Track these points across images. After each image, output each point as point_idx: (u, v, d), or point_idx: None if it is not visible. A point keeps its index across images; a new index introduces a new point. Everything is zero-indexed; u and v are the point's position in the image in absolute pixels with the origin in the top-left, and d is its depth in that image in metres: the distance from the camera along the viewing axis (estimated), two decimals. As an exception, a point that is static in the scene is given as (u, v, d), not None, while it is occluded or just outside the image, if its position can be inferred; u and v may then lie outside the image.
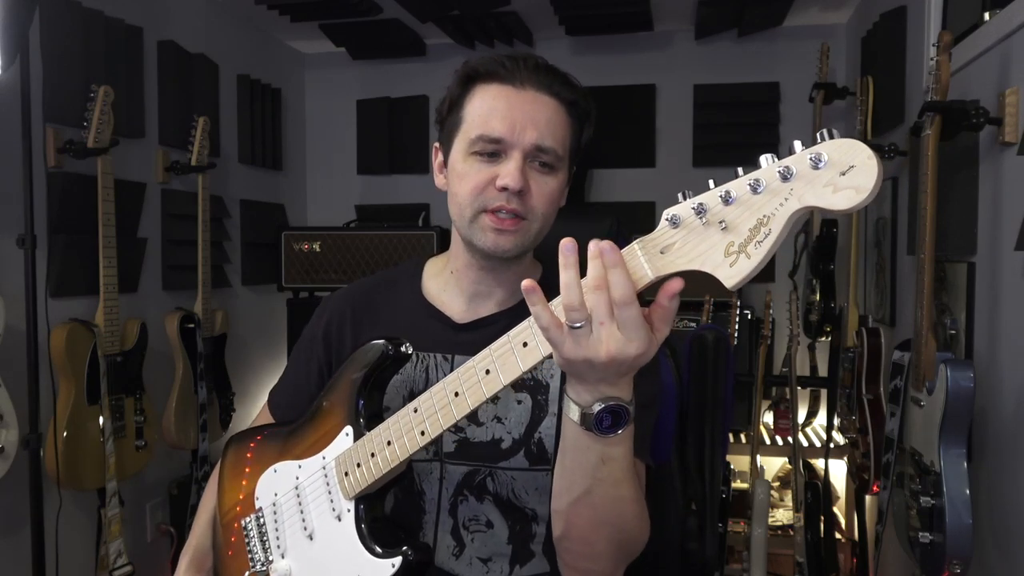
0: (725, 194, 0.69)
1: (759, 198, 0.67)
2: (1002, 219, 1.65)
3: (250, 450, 1.14)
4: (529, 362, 0.81)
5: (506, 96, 1.01)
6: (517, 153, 0.99)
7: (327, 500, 1.00)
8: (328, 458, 1.01)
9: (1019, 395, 1.58)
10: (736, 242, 0.68)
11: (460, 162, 1.03)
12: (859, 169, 0.61)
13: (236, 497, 1.13)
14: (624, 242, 1.27)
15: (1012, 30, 1.59)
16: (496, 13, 3.07)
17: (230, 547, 1.12)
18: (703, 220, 0.70)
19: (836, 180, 0.63)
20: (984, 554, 1.69)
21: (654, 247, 0.74)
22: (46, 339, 2.06)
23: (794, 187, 0.65)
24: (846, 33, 3.24)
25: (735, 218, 0.68)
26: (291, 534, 1.05)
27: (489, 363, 0.83)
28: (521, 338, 0.81)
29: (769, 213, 0.67)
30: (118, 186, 2.22)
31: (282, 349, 3.30)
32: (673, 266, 0.73)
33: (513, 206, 0.99)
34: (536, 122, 0.99)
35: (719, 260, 0.69)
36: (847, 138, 0.64)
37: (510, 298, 1.10)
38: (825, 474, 2.72)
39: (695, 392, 1.47)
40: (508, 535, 1.08)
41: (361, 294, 1.20)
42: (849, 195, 0.62)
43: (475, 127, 1.01)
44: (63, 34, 2.21)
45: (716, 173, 0.75)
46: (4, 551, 2.08)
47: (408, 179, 3.72)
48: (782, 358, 2.90)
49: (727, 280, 0.69)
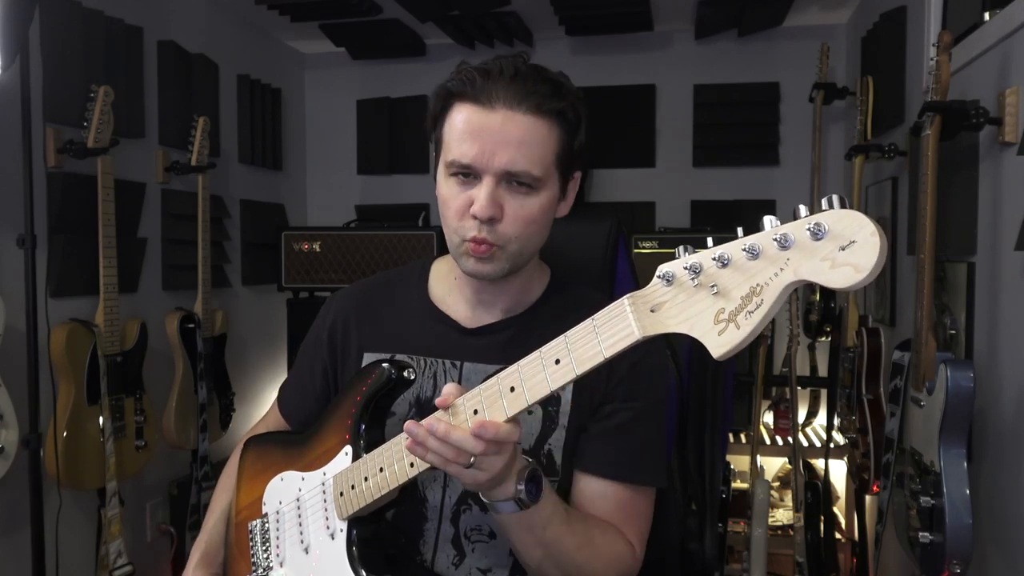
0: (720, 256, 0.66)
1: (754, 264, 0.64)
2: (1002, 219, 1.65)
3: (265, 453, 1.15)
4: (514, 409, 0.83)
5: (476, 118, 0.96)
6: (489, 179, 0.96)
7: (323, 517, 1.01)
8: (328, 475, 1.01)
9: (1019, 395, 1.58)
10: (727, 309, 0.66)
11: (443, 183, 1.02)
12: (860, 246, 0.58)
13: (249, 498, 1.14)
14: (624, 241, 1.26)
15: (1012, 30, 1.59)
16: (496, 13, 3.07)
17: (239, 546, 1.13)
18: (695, 282, 0.68)
19: (835, 255, 0.59)
20: (984, 554, 1.69)
21: (644, 304, 0.73)
22: (46, 339, 2.06)
23: (791, 257, 0.62)
24: (846, 33, 3.24)
25: (728, 283, 0.66)
26: (290, 544, 1.06)
27: (477, 404, 0.85)
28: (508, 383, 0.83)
29: (763, 282, 0.64)
30: (118, 186, 2.22)
31: (282, 349, 3.30)
32: (662, 327, 0.71)
33: (483, 235, 0.97)
34: (507, 144, 0.95)
35: (708, 326, 0.67)
36: (852, 210, 0.60)
37: (516, 306, 1.10)
38: (825, 474, 2.72)
39: (695, 392, 1.47)
40: (511, 547, 1.08)
41: (365, 295, 1.19)
42: (846, 273, 0.59)
43: (449, 150, 0.99)
44: (63, 34, 2.21)
45: (716, 173, 0.75)
46: (4, 551, 2.08)
47: (408, 179, 3.72)
48: (782, 358, 2.90)
49: (715, 350, 0.66)
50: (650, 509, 1.09)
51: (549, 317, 1.07)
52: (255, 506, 1.12)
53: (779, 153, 3.34)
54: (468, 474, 0.86)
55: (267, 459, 1.13)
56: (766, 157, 3.33)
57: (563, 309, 1.07)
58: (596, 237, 1.36)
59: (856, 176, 2.42)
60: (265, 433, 1.20)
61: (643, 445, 1.06)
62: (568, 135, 1.01)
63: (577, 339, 0.77)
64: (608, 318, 0.75)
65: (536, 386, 0.80)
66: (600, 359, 0.75)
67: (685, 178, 3.41)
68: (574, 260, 1.24)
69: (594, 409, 1.05)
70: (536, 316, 1.10)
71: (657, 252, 2.90)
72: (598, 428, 1.05)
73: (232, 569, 1.14)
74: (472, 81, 0.97)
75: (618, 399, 1.05)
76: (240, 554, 1.13)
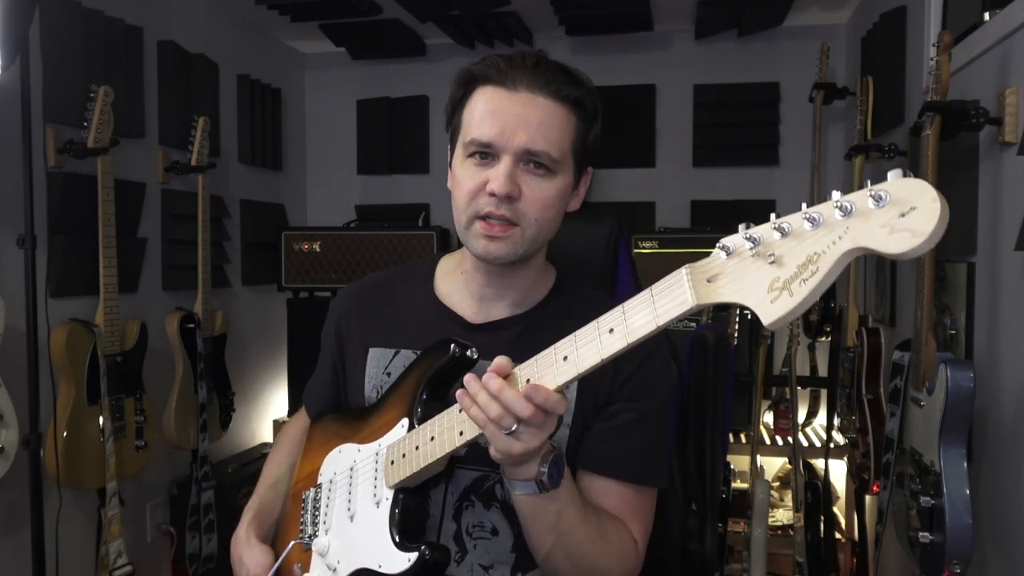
0: (780, 226, 0.67)
1: (814, 233, 0.65)
2: (1002, 219, 1.65)
3: (329, 427, 1.18)
4: (564, 378, 0.83)
5: (498, 99, 1.00)
6: (507, 157, 0.98)
7: (372, 485, 1.03)
8: (383, 446, 1.04)
9: (1019, 395, 1.58)
10: (782, 277, 0.66)
11: (459, 166, 1.03)
12: (920, 212, 0.58)
13: (307, 469, 1.17)
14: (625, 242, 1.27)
15: (1012, 30, 1.59)
16: (496, 13, 3.07)
17: (292, 514, 1.17)
18: (753, 252, 0.68)
19: (894, 221, 0.59)
20: (984, 554, 1.69)
21: (702, 274, 0.73)
22: (46, 339, 2.06)
23: (850, 225, 0.62)
24: (846, 33, 3.24)
25: (785, 252, 0.66)
26: (338, 512, 1.08)
27: (531, 373, 0.86)
28: (563, 352, 0.83)
29: (820, 251, 0.64)
30: (118, 186, 2.22)
31: (282, 349, 3.30)
32: (717, 296, 0.71)
33: (502, 212, 0.98)
34: (527, 124, 0.98)
35: (761, 295, 0.67)
36: (916, 178, 0.60)
37: (522, 302, 1.11)
38: (825, 474, 2.72)
39: (695, 392, 1.47)
40: (513, 543, 1.08)
41: (371, 290, 1.21)
42: (904, 238, 0.59)
43: (469, 131, 1.01)
44: (63, 34, 2.21)
45: (716, 173, 0.75)
46: (4, 551, 2.08)
47: (408, 179, 3.72)
48: (782, 358, 2.90)
49: (766, 317, 0.66)
50: (651, 509, 1.10)
51: (555, 316, 1.08)
52: (312, 477, 1.15)
53: (779, 153, 3.33)
54: (504, 441, 0.86)
55: (329, 432, 1.16)
56: (766, 157, 3.33)
57: (569, 309, 1.09)
58: (597, 237, 1.36)
59: (856, 176, 2.41)
60: (332, 408, 1.23)
61: (647, 446, 1.07)
62: (584, 126, 1.04)
63: (633, 307, 0.78)
64: (666, 286, 0.76)
65: (588, 355, 0.81)
66: (653, 327, 0.76)
67: (685, 178, 3.41)
68: (575, 260, 1.24)
69: (599, 408, 1.06)
70: (542, 315, 1.11)
71: (657, 252, 2.91)
72: (602, 427, 1.06)
73: (281, 536, 1.17)
74: (496, 66, 1.01)
75: (623, 399, 1.06)
76: (291, 522, 1.16)
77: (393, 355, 1.14)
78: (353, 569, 1.01)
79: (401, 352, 1.13)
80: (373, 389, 1.14)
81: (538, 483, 0.91)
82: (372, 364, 1.15)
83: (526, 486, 0.92)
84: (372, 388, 1.14)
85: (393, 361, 1.13)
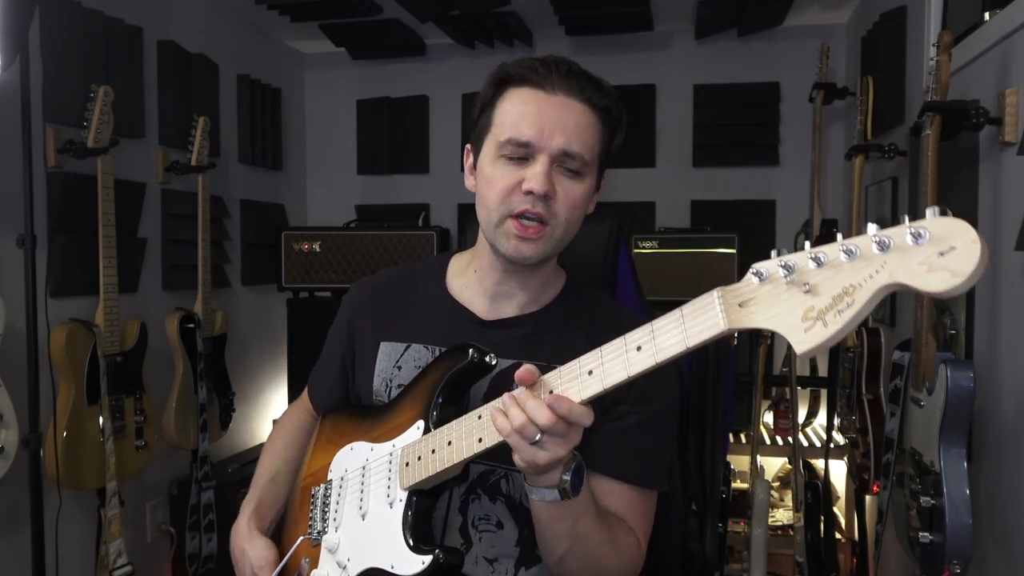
0: (817, 256, 0.67)
1: (851, 265, 0.64)
2: (1002, 219, 1.65)
3: (340, 423, 1.18)
4: (589, 392, 0.83)
5: (536, 100, 1.01)
6: (544, 157, 1.00)
7: (385, 485, 1.03)
8: (397, 447, 1.04)
9: (1019, 395, 1.58)
10: (816, 307, 0.65)
11: (489, 165, 1.04)
12: (960, 252, 0.58)
13: (317, 464, 1.17)
14: (625, 242, 1.27)
15: (1012, 30, 1.59)
16: (496, 13, 3.07)
17: (301, 509, 1.17)
18: (788, 279, 0.68)
19: (933, 260, 0.59)
20: (984, 554, 1.69)
21: (734, 298, 0.73)
22: (46, 339, 2.06)
23: (887, 260, 0.62)
24: (846, 33, 3.24)
25: (821, 282, 0.66)
26: (348, 510, 1.08)
27: (555, 384, 0.86)
28: (588, 366, 0.84)
29: (857, 283, 0.64)
30: (118, 186, 2.22)
31: (282, 349, 3.30)
32: (749, 321, 0.71)
33: (538, 210, 1.00)
34: (565, 127, 1.00)
35: (795, 323, 0.67)
36: (956, 218, 0.60)
37: (533, 302, 1.12)
38: (825, 474, 2.72)
39: (695, 392, 1.47)
40: (517, 537, 1.09)
41: (384, 286, 1.22)
42: (943, 277, 0.59)
43: (504, 130, 1.02)
44: (63, 34, 2.21)
45: (716, 173, 0.75)
46: (4, 551, 2.08)
47: (408, 179, 3.72)
48: (782, 358, 2.90)
49: (799, 345, 0.66)
50: (653, 510, 1.11)
51: (564, 317, 1.10)
52: (321, 472, 1.15)
53: (779, 153, 3.33)
54: (528, 450, 0.86)
55: (341, 428, 1.16)
56: (766, 157, 3.32)
57: (578, 311, 1.11)
58: (597, 237, 1.36)
59: (856, 176, 2.42)
60: (345, 404, 1.23)
61: (652, 449, 1.08)
62: (610, 133, 1.07)
63: (662, 327, 0.78)
64: (696, 308, 0.75)
65: (614, 371, 0.81)
66: (682, 348, 0.76)
67: (685, 178, 3.41)
68: (575, 260, 1.24)
69: (606, 409, 1.06)
70: (552, 315, 1.12)
71: (657, 252, 2.91)
72: (609, 428, 1.06)
73: (288, 530, 1.17)
74: (535, 68, 1.03)
75: (630, 401, 1.06)
76: (299, 517, 1.16)
77: (404, 349, 1.15)
78: (364, 568, 1.02)
79: (412, 347, 1.14)
80: (382, 383, 1.15)
81: (560, 491, 0.91)
82: (383, 358, 1.16)
83: (548, 493, 0.92)
84: (381, 382, 1.15)
85: (404, 355, 1.14)
